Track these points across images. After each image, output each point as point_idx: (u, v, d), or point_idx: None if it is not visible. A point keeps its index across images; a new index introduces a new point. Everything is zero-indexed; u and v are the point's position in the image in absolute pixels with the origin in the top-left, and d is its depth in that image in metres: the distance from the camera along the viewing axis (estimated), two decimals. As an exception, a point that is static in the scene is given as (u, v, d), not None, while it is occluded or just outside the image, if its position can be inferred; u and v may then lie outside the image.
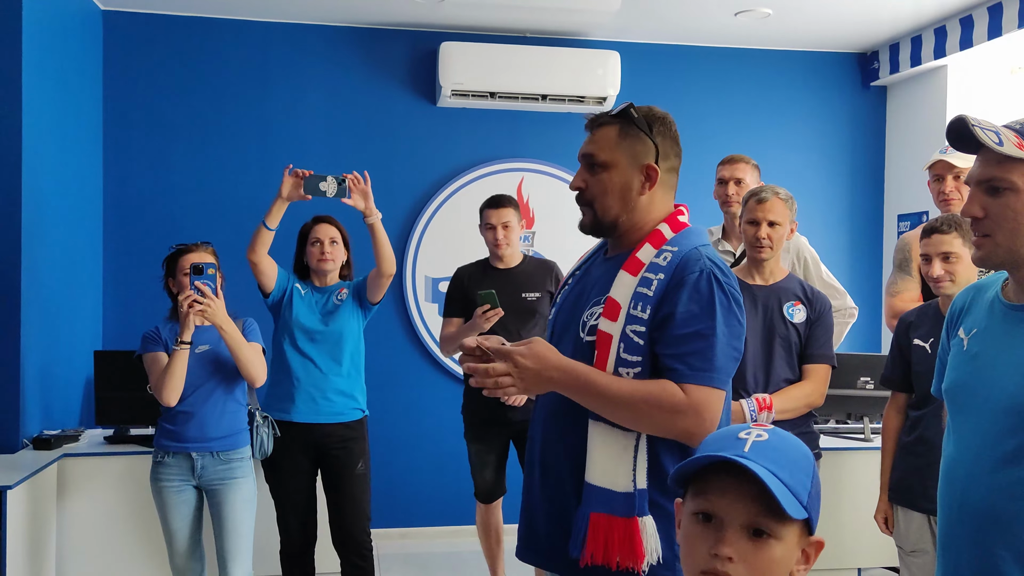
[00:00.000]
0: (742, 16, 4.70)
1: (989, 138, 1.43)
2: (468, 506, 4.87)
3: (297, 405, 3.23)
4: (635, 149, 1.72)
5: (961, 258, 2.59)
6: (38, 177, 3.74)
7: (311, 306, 3.30)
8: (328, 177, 3.19)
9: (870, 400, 3.75)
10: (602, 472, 1.61)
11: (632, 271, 1.66)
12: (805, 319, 2.74)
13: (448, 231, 4.93)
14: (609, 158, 1.72)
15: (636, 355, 1.61)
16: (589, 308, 1.72)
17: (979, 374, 1.52)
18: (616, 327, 1.63)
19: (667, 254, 1.66)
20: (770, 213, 2.73)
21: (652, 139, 1.73)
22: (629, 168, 1.72)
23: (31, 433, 3.69)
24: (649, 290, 1.63)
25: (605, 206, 1.73)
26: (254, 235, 3.23)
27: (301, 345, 3.26)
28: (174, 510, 2.98)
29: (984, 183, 1.48)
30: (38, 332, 3.75)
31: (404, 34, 4.93)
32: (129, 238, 4.63)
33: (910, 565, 2.72)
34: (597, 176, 1.73)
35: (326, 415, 3.26)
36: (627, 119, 1.72)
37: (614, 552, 1.59)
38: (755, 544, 1.03)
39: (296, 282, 3.35)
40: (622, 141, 1.72)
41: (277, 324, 3.33)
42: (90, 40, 4.53)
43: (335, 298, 3.32)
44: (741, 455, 1.03)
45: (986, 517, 1.45)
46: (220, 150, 4.77)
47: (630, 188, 1.72)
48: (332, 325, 3.28)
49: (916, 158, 4.96)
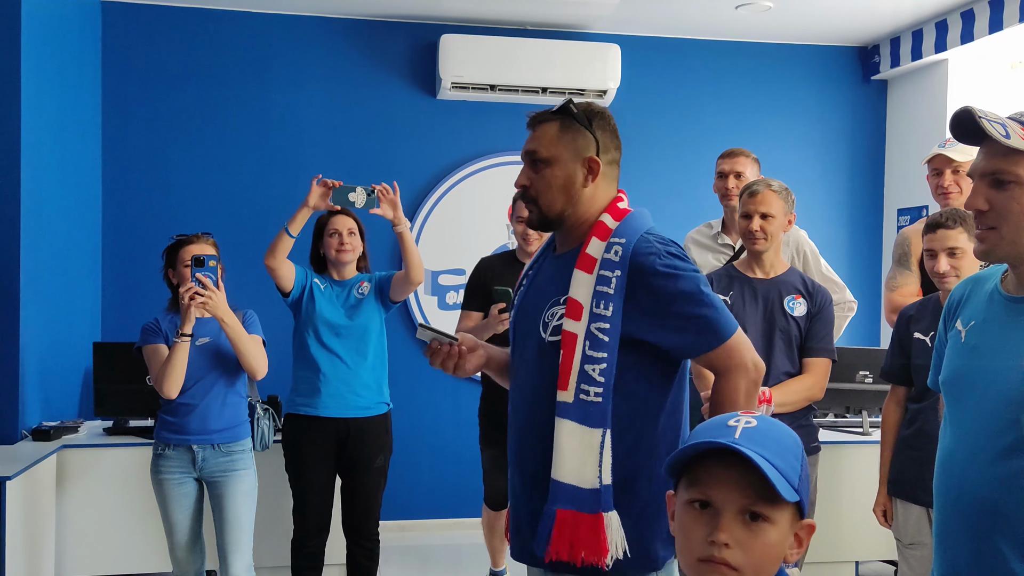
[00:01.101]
0: (743, 9, 4.69)
1: (996, 130, 1.42)
2: (467, 499, 4.89)
3: (324, 399, 3.22)
4: (576, 144, 1.76)
5: (966, 253, 2.58)
6: (37, 170, 3.73)
7: (332, 301, 3.29)
8: (357, 188, 3.16)
9: (869, 394, 3.75)
10: (569, 469, 1.65)
11: (587, 269, 1.71)
12: (806, 312, 2.74)
13: (448, 223, 4.93)
14: (551, 154, 1.76)
15: (602, 351, 1.66)
16: (548, 308, 1.75)
17: (977, 366, 1.52)
18: (580, 326, 1.67)
19: (616, 247, 1.70)
20: (762, 205, 2.74)
21: (592, 133, 1.77)
22: (571, 162, 1.76)
23: (30, 424, 3.68)
24: (609, 288, 1.67)
25: (550, 201, 1.77)
26: (275, 241, 3.19)
27: (326, 340, 3.25)
28: (175, 503, 2.98)
29: (989, 175, 1.47)
30: (37, 324, 3.74)
31: (404, 26, 4.92)
32: (128, 230, 4.62)
33: (908, 558, 2.73)
34: (540, 172, 1.77)
35: (353, 409, 3.25)
36: (567, 115, 1.76)
37: (579, 549, 1.62)
38: (751, 529, 1.05)
39: (314, 277, 3.33)
40: (563, 136, 1.76)
41: (299, 320, 3.31)
42: (89, 32, 4.51)
43: (356, 291, 3.31)
44: (733, 441, 1.05)
45: (983, 509, 1.45)
46: (219, 142, 4.77)
47: (573, 182, 1.77)
48: (356, 319, 3.27)
49: (917, 152, 4.96)
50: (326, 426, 3.23)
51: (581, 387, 1.65)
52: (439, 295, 4.99)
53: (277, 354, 3.35)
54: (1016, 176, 1.44)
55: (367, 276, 3.37)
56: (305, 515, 3.27)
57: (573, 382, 1.66)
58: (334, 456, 3.28)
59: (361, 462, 3.27)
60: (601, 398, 1.65)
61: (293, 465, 3.29)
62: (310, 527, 3.28)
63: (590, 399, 1.65)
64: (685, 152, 5.13)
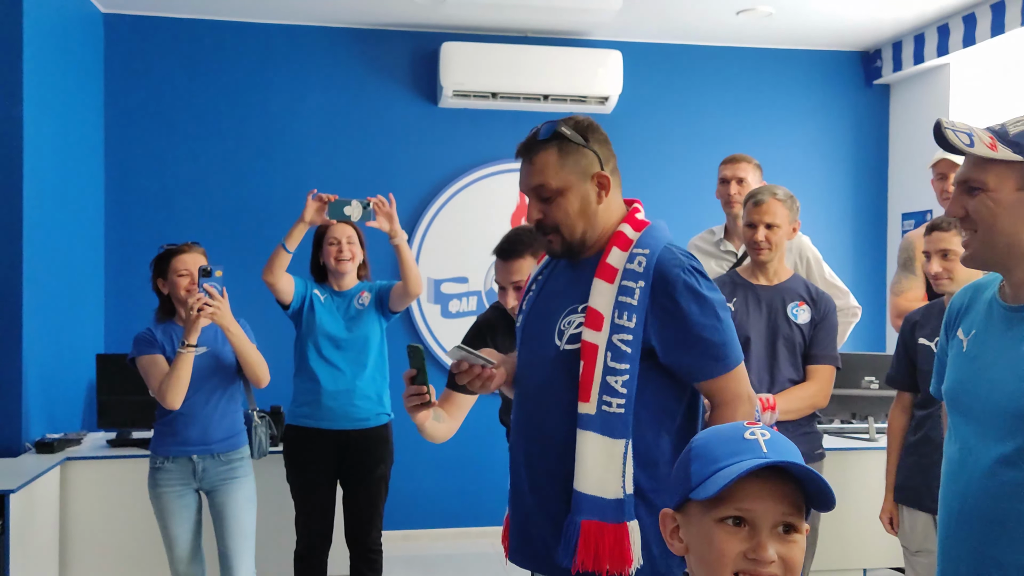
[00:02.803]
0: (744, 15, 4.69)
1: (960, 140, 1.46)
2: (470, 508, 4.87)
3: (324, 412, 3.22)
4: (580, 165, 1.73)
5: (960, 256, 2.58)
6: (40, 181, 3.74)
7: (332, 312, 3.28)
8: (353, 201, 3.17)
9: (875, 400, 3.73)
10: (593, 480, 1.64)
11: (607, 278, 1.69)
12: (809, 319, 2.73)
13: (450, 231, 4.92)
14: (561, 183, 1.72)
15: (624, 363, 1.65)
16: (565, 316, 1.73)
17: (978, 376, 1.52)
18: (601, 337, 1.66)
19: (640, 258, 1.68)
20: (766, 215, 2.72)
21: (591, 148, 1.74)
22: (581, 184, 1.73)
23: (34, 437, 3.68)
24: (632, 299, 1.66)
25: (571, 228, 1.74)
26: (272, 257, 3.19)
27: (326, 352, 3.24)
28: (175, 516, 2.96)
29: (963, 183, 1.52)
30: (40, 336, 3.74)
31: (405, 35, 4.92)
32: (130, 241, 4.62)
33: (915, 565, 2.71)
34: (554, 203, 1.73)
35: (353, 421, 3.24)
36: (561, 138, 1.72)
37: (604, 559, 1.62)
38: (785, 541, 1.05)
39: (314, 288, 3.32)
40: (565, 161, 1.72)
41: (299, 331, 3.30)
42: (91, 43, 4.53)
43: (356, 302, 3.30)
44: (766, 457, 1.05)
45: (986, 519, 1.45)
46: (221, 152, 4.77)
47: (589, 203, 1.74)
48: (356, 331, 3.26)
49: (920, 156, 4.94)
50: (327, 438, 3.22)
51: (603, 398, 1.65)
52: (442, 304, 4.98)
53: (277, 363, 3.35)
54: (982, 183, 1.48)
55: (368, 285, 3.36)
56: (307, 526, 3.26)
57: (595, 393, 1.65)
58: (335, 467, 3.27)
59: (362, 472, 3.26)
60: (623, 409, 1.64)
61: (294, 476, 3.28)
62: (312, 538, 3.26)
63: (612, 410, 1.64)
64: (687, 158, 5.12)
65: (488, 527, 4.87)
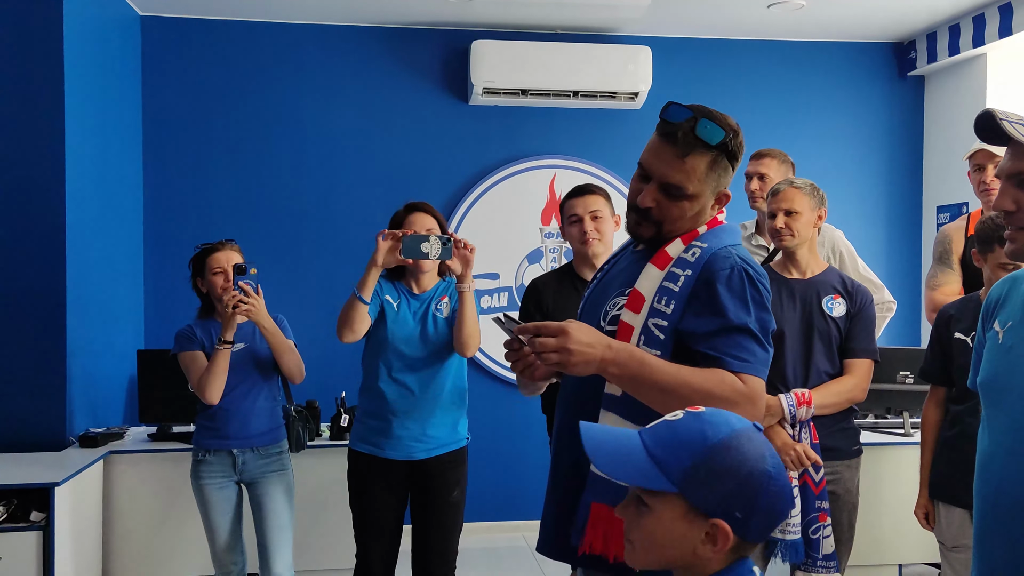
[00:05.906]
0: (775, 8, 4.66)
1: (1017, 131, 1.41)
2: (503, 503, 4.90)
3: (392, 442, 2.84)
4: (720, 180, 1.69)
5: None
6: (81, 181, 3.82)
7: (406, 323, 2.87)
8: (431, 236, 2.76)
9: (910, 395, 3.70)
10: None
11: (659, 265, 1.66)
12: (845, 312, 2.71)
13: (481, 228, 4.95)
14: (697, 190, 1.66)
15: (656, 349, 1.60)
16: (612, 298, 1.72)
17: (1013, 368, 1.49)
18: (638, 319, 1.63)
19: (696, 250, 1.66)
20: (784, 202, 2.72)
21: (733, 168, 1.70)
22: (710, 197, 1.70)
23: (78, 431, 3.77)
24: (675, 285, 1.63)
25: (675, 226, 1.70)
26: (346, 311, 2.77)
27: (397, 374, 2.84)
28: (216, 507, 3.03)
29: (1015, 176, 1.46)
30: (83, 333, 3.83)
31: (436, 33, 4.95)
32: (169, 239, 4.71)
33: (952, 561, 2.69)
34: (676, 202, 1.67)
35: (425, 451, 2.87)
36: (723, 150, 1.65)
37: (612, 544, 1.57)
38: (637, 511, 1.18)
39: (386, 292, 2.88)
40: (711, 172, 1.66)
41: (368, 344, 2.91)
42: (129, 45, 4.61)
43: (435, 308, 2.90)
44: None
45: (1021, 511, 1.43)
46: (256, 150, 4.84)
47: (703, 212, 1.71)
48: (433, 347, 2.86)
49: (955, 148, 4.88)
50: (395, 468, 2.87)
51: None
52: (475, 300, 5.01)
53: (312, 359, 3.39)
54: None
55: (449, 288, 2.93)
56: (367, 547, 2.91)
57: None
58: (403, 493, 2.92)
59: (433, 499, 2.89)
60: None
61: (355, 494, 2.93)
62: (371, 560, 2.91)
63: None
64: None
65: (521, 521, 4.90)
